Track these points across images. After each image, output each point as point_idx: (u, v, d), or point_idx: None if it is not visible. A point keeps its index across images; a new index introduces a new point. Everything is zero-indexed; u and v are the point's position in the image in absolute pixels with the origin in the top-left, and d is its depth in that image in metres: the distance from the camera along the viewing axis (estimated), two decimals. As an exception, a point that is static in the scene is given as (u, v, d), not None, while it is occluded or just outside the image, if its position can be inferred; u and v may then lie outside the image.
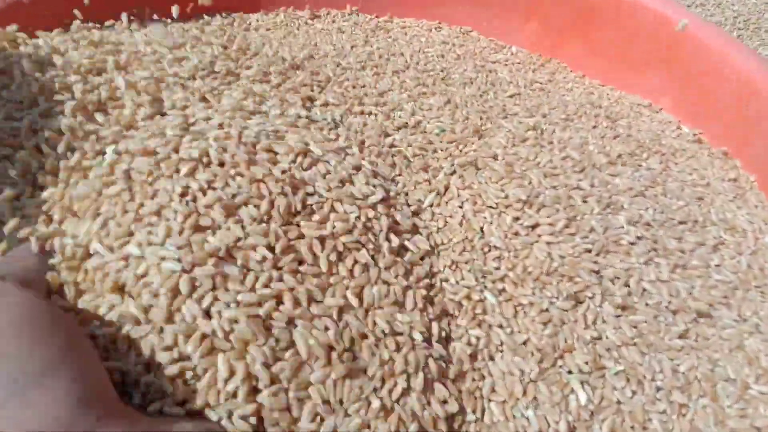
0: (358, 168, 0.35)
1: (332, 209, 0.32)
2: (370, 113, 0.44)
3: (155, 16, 0.52)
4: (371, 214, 0.33)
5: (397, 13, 0.66)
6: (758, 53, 0.56)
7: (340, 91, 0.45)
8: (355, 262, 0.30)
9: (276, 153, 0.33)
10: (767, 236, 0.42)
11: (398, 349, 0.29)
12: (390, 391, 0.27)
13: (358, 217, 0.32)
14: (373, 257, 0.31)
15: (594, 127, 0.50)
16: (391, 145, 0.41)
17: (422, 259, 0.34)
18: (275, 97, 0.41)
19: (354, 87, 0.47)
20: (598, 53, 0.61)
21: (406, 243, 0.34)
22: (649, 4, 0.56)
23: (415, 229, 0.36)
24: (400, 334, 0.29)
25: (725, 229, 0.42)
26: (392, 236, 0.33)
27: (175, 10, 0.52)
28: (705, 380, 0.33)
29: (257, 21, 0.60)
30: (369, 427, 0.26)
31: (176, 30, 0.48)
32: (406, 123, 0.44)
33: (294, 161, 0.33)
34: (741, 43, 0.55)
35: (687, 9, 0.86)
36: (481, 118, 0.47)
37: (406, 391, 0.28)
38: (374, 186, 0.34)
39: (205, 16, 0.56)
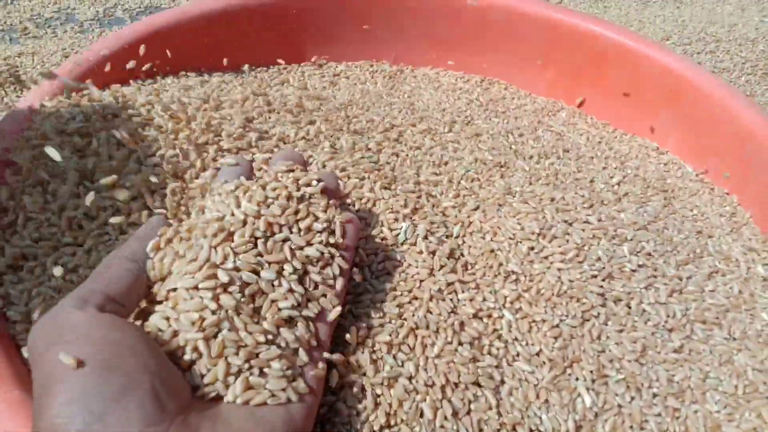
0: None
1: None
2: (406, 156, 0.50)
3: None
4: None
5: (428, 62, 0.73)
6: (753, 100, 0.61)
7: (380, 138, 0.52)
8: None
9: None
10: (759, 266, 0.47)
11: None
12: None
13: None
14: None
15: (604, 168, 0.56)
16: (423, 183, 0.48)
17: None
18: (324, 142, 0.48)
19: (388, 132, 0.54)
20: (608, 99, 0.67)
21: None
22: (653, 54, 0.62)
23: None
24: None
25: (720, 259, 0.47)
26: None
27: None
28: (697, 389, 0.38)
29: (302, 73, 0.67)
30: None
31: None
32: (437, 164, 0.51)
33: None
34: (738, 90, 0.61)
35: (696, 56, 0.92)
36: (501, 160, 0.53)
37: None
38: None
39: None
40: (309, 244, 0.34)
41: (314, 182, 0.36)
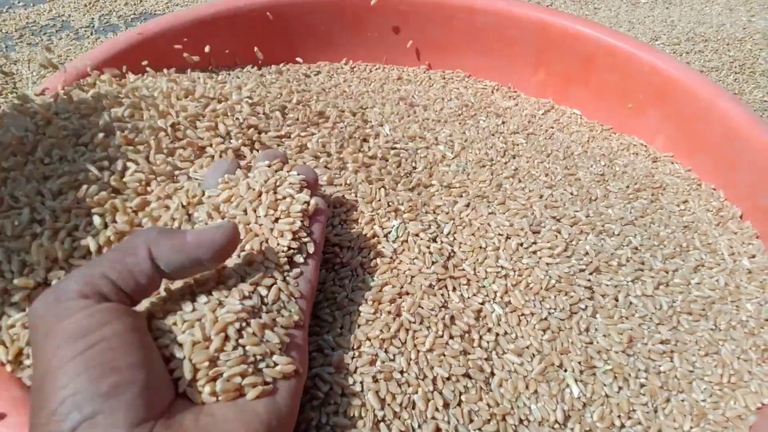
0: None
1: None
2: (398, 154, 0.51)
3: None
4: None
5: (420, 64, 0.74)
6: (740, 99, 0.62)
7: (373, 137, 0.53)
8: None
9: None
10: (744, 259, 0.48)
11: None
12: None
13: None
14: None
15: (593, 165, 0.57)
16: (415, 181, 0.49)
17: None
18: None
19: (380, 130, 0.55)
20: (598, 98, 0.68)
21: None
22: (642, 55, 0.63)
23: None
24: None
25: (706, 252, 0.48)
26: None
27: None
28: (683, 378, 0.39)
29: (296, 72, 0.68)
30: None
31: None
32: (429, 162, 0.51)
33: None
34: (725, 89, 0.62)
35: (685, 55, 0.93)
36: (492, 158, 0.54)
37: None
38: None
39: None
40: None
41: (294, 173, 0.38)
